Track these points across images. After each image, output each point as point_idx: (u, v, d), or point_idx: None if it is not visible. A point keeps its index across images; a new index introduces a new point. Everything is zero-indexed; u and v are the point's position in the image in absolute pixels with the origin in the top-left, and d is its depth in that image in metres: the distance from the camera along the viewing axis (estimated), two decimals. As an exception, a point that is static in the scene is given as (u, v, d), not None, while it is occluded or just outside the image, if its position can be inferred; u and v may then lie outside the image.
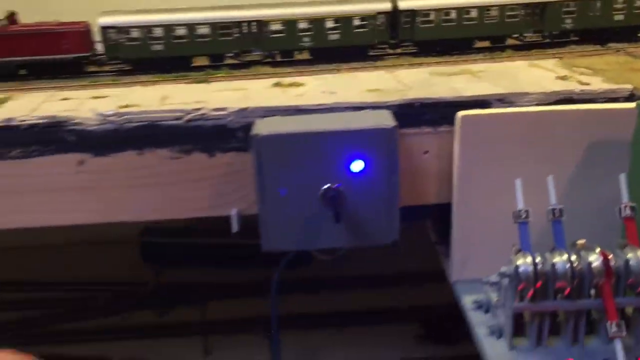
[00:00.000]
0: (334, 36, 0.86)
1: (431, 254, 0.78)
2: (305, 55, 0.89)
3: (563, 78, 0.67)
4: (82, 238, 1.21)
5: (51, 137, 0.60)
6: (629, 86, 0.63)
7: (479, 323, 0.58)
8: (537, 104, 0.62)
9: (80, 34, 0.83)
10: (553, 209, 0.52)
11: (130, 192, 0.62)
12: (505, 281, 0.52)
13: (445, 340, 1.14)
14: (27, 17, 0.86)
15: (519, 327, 0.54)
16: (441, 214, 0.69)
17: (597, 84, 0.64)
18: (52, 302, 1.21)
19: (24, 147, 0.60)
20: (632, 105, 0.57)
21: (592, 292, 0.52)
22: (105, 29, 0.82)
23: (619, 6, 0.88)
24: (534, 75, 0.71)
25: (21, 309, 1.19)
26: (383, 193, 0.58)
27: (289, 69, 0.83)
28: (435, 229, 0.78)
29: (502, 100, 0.62)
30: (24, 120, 0.60)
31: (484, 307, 0.59)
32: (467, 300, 0.61)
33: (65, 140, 0.61)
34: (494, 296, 0.57)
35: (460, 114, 0.60)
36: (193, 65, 0.87)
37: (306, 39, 0.86)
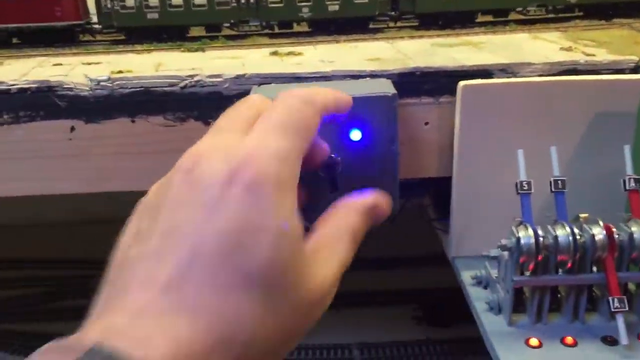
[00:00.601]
0: (334, 7, 0.84)
1: (429, 237, 0.77)
2: (304, 27, 0.87)
3: (567, 49, 0.66)
4: (83, 216, 1.20)
5: (42, 102, 0.59)
6: (634, 57, 0.61)
7: (477, 298, 0.56)
8: (541, 75, 0.60)
9: (73, 1, 0.81)
10: (555, 180, 0.51)
11: (123, 160, 0.60)
12: (506, 254, 0.51)
13: (443, 322, 1.13)
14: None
15: (518, 302, 0.53)
16: (440, 189, 0.68)
17: (602, 55, 0.62)
18: (53, 280, 1.20)
19: (14, 112, 0.58)
20: (638, 76, 0.56)
21: (594, 268, 0.51)
22: (99, -4, 0.80)
23: (625, -20, 0.86)
24: (537, 46, 0.69)
25: (22, 287, 1.18)
26: (382, 163, 0.56)
27: (287, 40, 0.81)
28: (434, 205, 0.76)
29: (505, 70, 0.61)
30: (14, 85, 0.59)
31: (483, 282, 0.58)
32: (466, 276, 0.60)
33: (57, 106, 0.59)
34: (493, 272, 0.56)
35: (462, 83, 0.58)
36: (189, 35, 0.85)
37: (305, 10, 0.84)
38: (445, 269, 0.66)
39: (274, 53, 0.70)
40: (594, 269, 0.51)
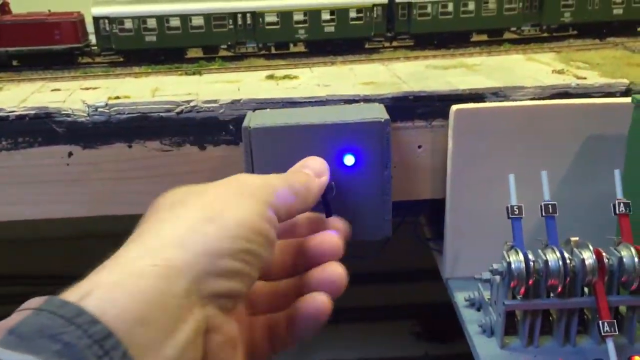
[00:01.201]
0: (330, 28, 0.85)
1: (428, 252, 0.78)
2: (300, 48, 0.88)
3: (559, 72, 0.67)
4: (76, 232, 1.20)
5: (40, 128, 0.60)
6: (625, 81, 0.62)
7: (470, 321, 0.57)
8: (533, 98, 0.61)
9: (72, 24, 0.82)
10: (546, 205, 0.52)
11: (120, 184, 0.61)
12: (497, 278, 0.52)
13: (441, 337, 1.14)
14: (20, 7, 0.86)
15: (510, 325, 0.53)
16: (435, 210, 0.68)
17: (594, 78, 0.63)
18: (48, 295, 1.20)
19: (12, 138, 0.59)
20: (629, 100, 0.56)
21: (585, 290, 0.52)
22: (97, 19, 0.81)
23: (618, 0, 0.87)
24: (531, 68, 0.70)
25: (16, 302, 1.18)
26: (375, 188, 0.57)
27: (283, 61, 0.82)
28: (429, 225, 0.77)
29: (497, 94, 0.61)
30: (13, 111, 0.60)
31: (476, 304, 0.59)
32: (460, 298, 0.61)
33: (55, 132, 0.60)
34: (486, 294, 0.57)
35: (454, 107, 0.59)
36: (187, 56, 0.86)
37: (301, 31, 0.85)
38: (444, 284, 0.67)
39: (270, 77, 0.71)
40: (585, 291, 0.51)
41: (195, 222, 0.34)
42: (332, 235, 0.44)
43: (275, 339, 0.41)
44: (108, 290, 0.28)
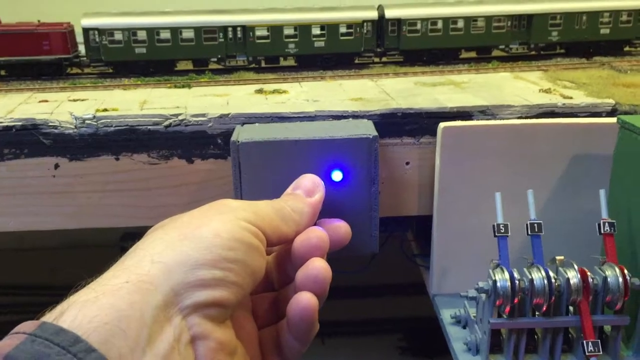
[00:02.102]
0: (320, 43, 0.86)
1: (415, 267, 0.78)
2: (290, 62, 0.88)
3: (546, 91, 0.67)
4: (62, 243, 1.19)
5: (27, 139, 0.59)
6: (611, 101, 0.63)
7: (456, 338, 0.57)
8: (520, 117, 0.62)
9: (62, 35, 0.82)
10: (532, 224, 0.52)
11: (107, 197, 0.61)
12: (483, 296, 0.52)
13: (427, 353, 1.13)
14: (9, 17, 0.85)
15: (495, 343, 0.53)
16: (422, 226, 0.68)
17: (580, 98, 0.64)
18: (36, 306, 1.19)
19: (-1, 149, 0.59)
20: (614, 120, 0.57)
21: (571, 309, 0.52)
22: (87, 30, 0.81)
23: (605, 20, 0.88)
24: (518, 87, 0.70)
25: (14, 313, 1.17)
26: (363, 203, 0.57)
27: (273, 75, 0.82)
28: (416, 241, 0.77)
29: (485, 112, 0.62)
30: (0, 122, 0.59)
31: (462, 322, 0.59)
32: (446, 315, 0.61)
33: (42, 143, 0.59)
34: (472, 311, 0.57)
35: (442, 125, 0.59)
36: (177, 69, 0.86)
37: (292, 46, 0.85)
38: (430, 300, 0.67)
39: (259, 91, 0.71)
40: (570, 310, 0.52)
41: (172, 241, 0.35)
42: (315, 230, 0.43)
43: (283, 348, 0.42)
44: (82, 307, 0.29)
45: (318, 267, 0.40)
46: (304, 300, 0.39)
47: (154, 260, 0.33)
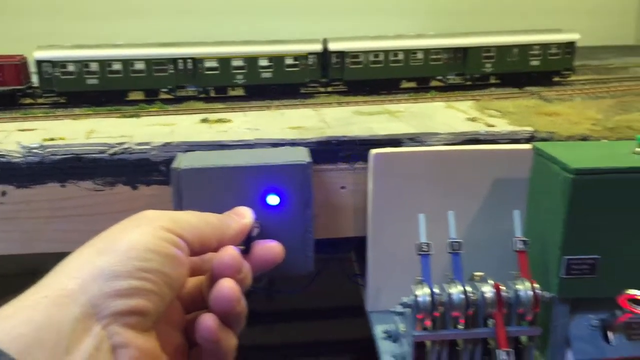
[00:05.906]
0: (267, 74, 0.90)
1: (357, 286, 0.81)
2: (239, 92, 0.92)
3: (473, 119, 0.72)
4: (27, 268, 1.20)
5: (-25, 168, 0.62)
6: (529, 129, 0.67)
7: (385, 352, 0.60)
8: (446, 144, 0.66)
9: (15, 67, 0.84)
10: (452, 242, 0.56)
11: (52, 223, 0.63)
12: (408, 311, 0.55)
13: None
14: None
15: (420, 356, 0.57)
16: (363, 246, 0.72)
17: (502, 126, 0.69)
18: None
19: (-54, 177, 0.61)
20: (529, 146, 0.62)
21: (490, 322, 0.56)
22: (40, 62, 0.84)
23: (535, 52, 0.94)
24: (448, 116, 0.75)
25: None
26: (298, 226, 0.60)
27: (222, 105, 0.86)
28: (357, 261, 0.81)
29: (414, 139, 0.66)
30: (-52, 152, 0.61)
31: (393, 336, 0.62)
32: (379, 330, 0.64)
33: (-11, 172, 0.62)
34: (401, 326, 0.60)
35: (373, 151, 0.63)
36: (128, 99, 0.89)
37: (240, 77, 0.89)
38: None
39: (204, 120, 0.74)
40: (490, 322, 0.55)
41: (89, 257, 0.37)
42: (229, 248, 0.45)
43: None
44: (1, 322, 0.31)
45: (226, 287, 0.42)
46: (207, 323, 0.41)
47: (72, 276, 0.35)
